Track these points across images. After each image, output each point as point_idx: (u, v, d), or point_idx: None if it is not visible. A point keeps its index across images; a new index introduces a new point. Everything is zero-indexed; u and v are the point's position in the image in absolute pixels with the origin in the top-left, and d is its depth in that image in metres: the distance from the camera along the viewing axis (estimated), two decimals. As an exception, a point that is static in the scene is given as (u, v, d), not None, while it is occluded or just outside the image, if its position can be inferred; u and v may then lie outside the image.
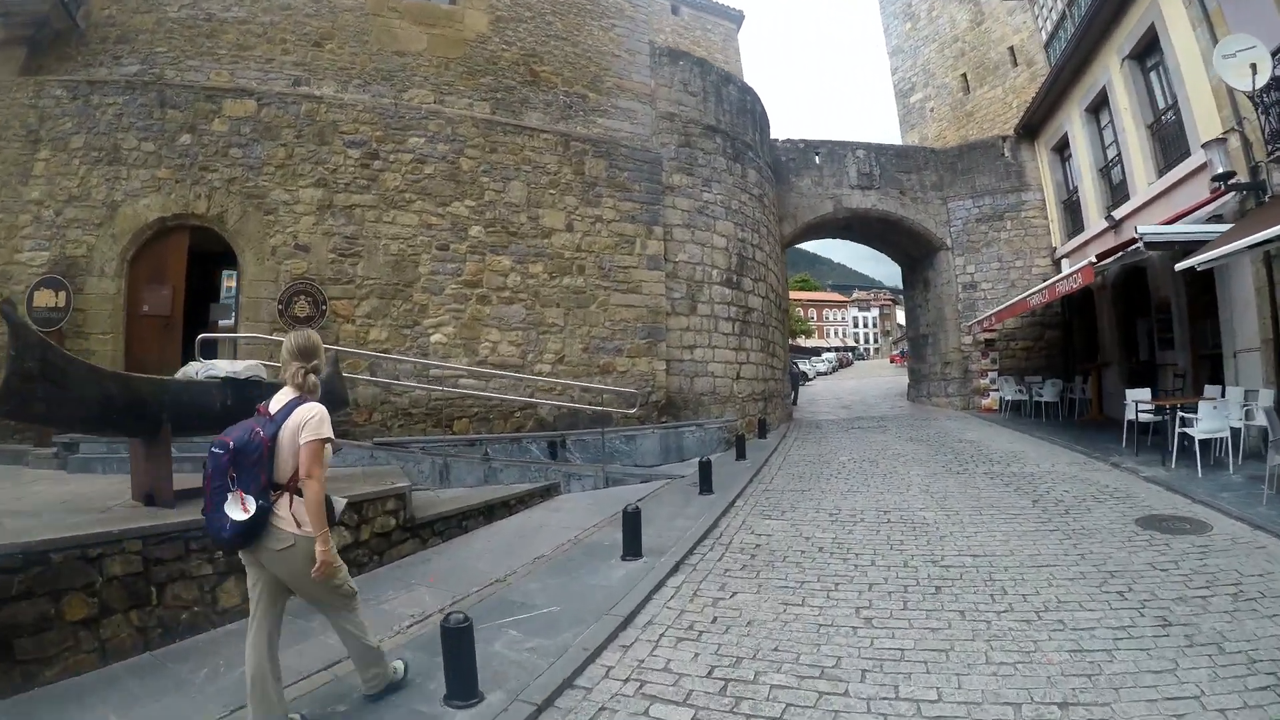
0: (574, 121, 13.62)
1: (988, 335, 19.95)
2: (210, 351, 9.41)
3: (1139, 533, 7.06)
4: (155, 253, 11.15)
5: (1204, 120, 11.74)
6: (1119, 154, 15.66)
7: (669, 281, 13.97)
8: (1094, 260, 10.98)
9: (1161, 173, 13.53)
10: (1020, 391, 18.42)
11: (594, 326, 12.98)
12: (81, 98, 10.93)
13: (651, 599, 5.78)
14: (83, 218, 10.66)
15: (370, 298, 11.51)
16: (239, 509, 3.44)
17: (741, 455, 12.34)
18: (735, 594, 5.89)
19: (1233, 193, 10.70)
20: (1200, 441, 9.53)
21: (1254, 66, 9.63)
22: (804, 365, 45.93)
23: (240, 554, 3.74)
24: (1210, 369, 12.47)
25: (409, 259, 11.80)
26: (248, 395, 6.11)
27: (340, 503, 4.01)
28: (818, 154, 21.26)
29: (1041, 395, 17.57)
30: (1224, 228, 10.09)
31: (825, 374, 57.72)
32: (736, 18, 30.10)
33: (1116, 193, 16.11)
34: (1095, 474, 10.22)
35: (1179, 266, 9.38)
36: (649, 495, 9.80)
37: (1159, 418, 11.06)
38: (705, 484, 9.66)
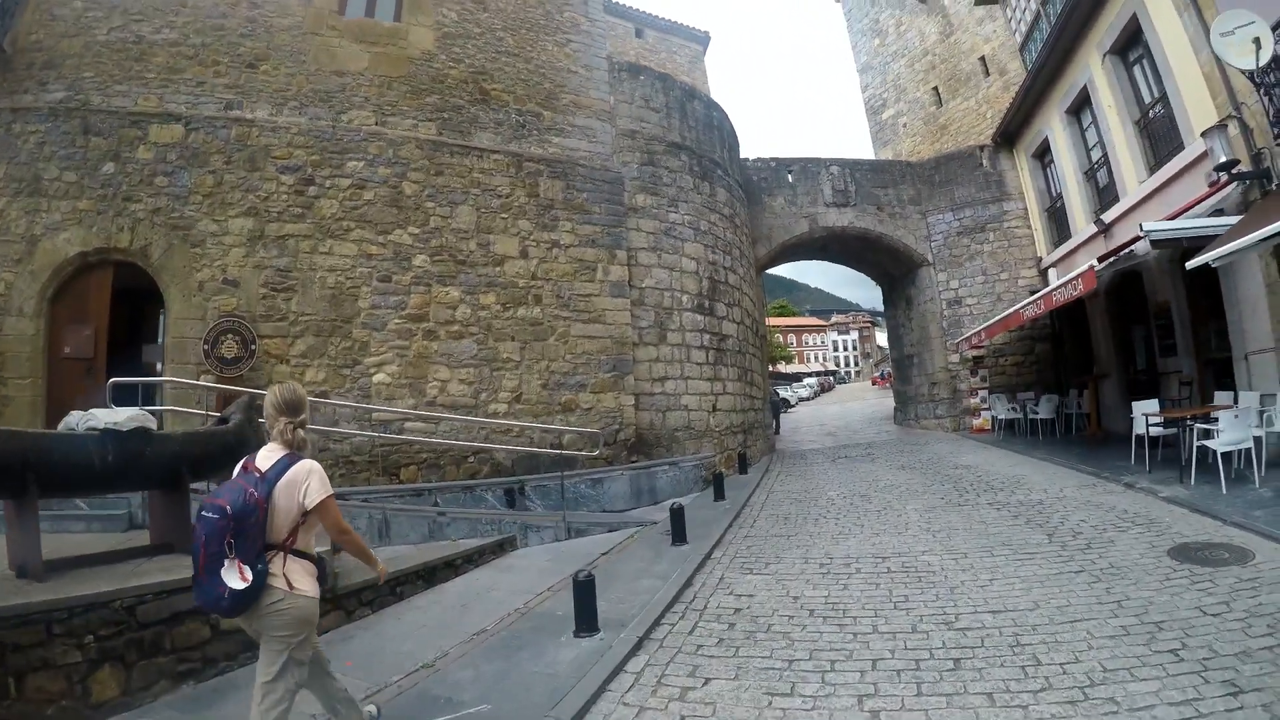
0: (528, 141, 12.77)
1: (976, 352, 19.24)
2: (129, 398, 8.34)
3: (1175, 568, 6.16)
4: (77, 290, 10.39)
5: (1197, 110, 11.24)
6: (1105, 155, 15.19)
7: (635, 309, 13.07)
8: (1095, 264, 10.30)
9: (1153, 170, 13.06)
10: (1014, 410, 17.69)
11: (554, 361, 12.02)
12: (3, 126, 10.21)
13: (605, 690, 4.74)
14: (0, 253, 9.82)
15: (306, 335, 10.63)
16: (237, 578, 3.29)
17: (720, 495, 11.33)
18: (708, 681, 4.84)
19: (1235, 183, 10.13)
20: (1201, 450, 9.01)
21: (1258, 41, 8.98)
22: (785, 392, 45.14)
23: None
24: (1217, 374, 11.98)
25: (348, 292, 10.92)
26: (132, 449, 5.47)
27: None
28: (790, 172, 20.60)
29: (1037, 413, 16.82)
30: (1230, 220, 9.50)
31: (807, 400, 57.37)
32: (703, 39, 29.65)
33: (1104, 195, 15.64)
34: (1109, 497, 9.35)
35: (1190, 264, 8.61)
36: (615, 549, 8.77)
37: (1170, 430, 10.44)
38: (678, 533, 8.63)
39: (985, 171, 20.63)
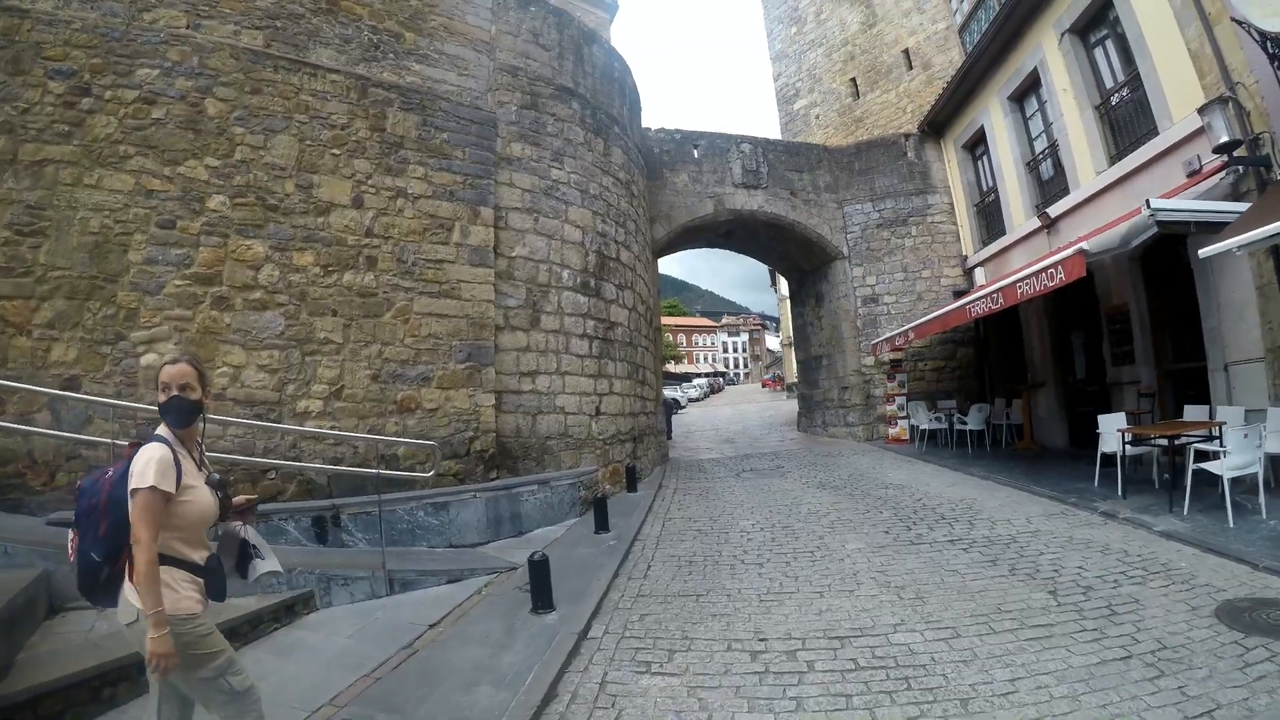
0: (380, 65, 10.02)
1: (895, 355, 17.61)
2: None
3: (1241, 640, 4.72)
4: None
5: (1179, 91, 10.16)
6: (1053, 144, 14.09)
7: (501, 283, 10.49)
8: (1086, 248, 8.46)
9: (1114, 160, 12.01)
10: (937, 419, 16.14)
11: (389, 344, 9.26)
12: None
13: None
14: None
15: (56, 297, 7.70)
16: (69, 549, 3.11)
17: (603, 525, 9.00)
18: None
19: (1228, 170, 9.03)
20: (1198, 475, 8.12)
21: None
22: (676, 392, 43.09)
23: None
24: (1176, 386, 11.41)
25: (115, 241, 7.98)
26: None
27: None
28: (697, 147, 18.40)
29: (965, 423, 15.38)
30: (1239, 206, 8.35)
31: (697, 400, 56.01)
32: (610, 7, 27.22)
33: (1049, 189, 14.62)
34: (1091, 531, 7.94)
35: (1204, 253, 7.46)
36: (451, 615, 6.31)
37: (1141, 448, 9.74)
38: (541, 594, 6.15)
39: (909, 161, 19.20)
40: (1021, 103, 15.35)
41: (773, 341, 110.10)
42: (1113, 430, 9.70)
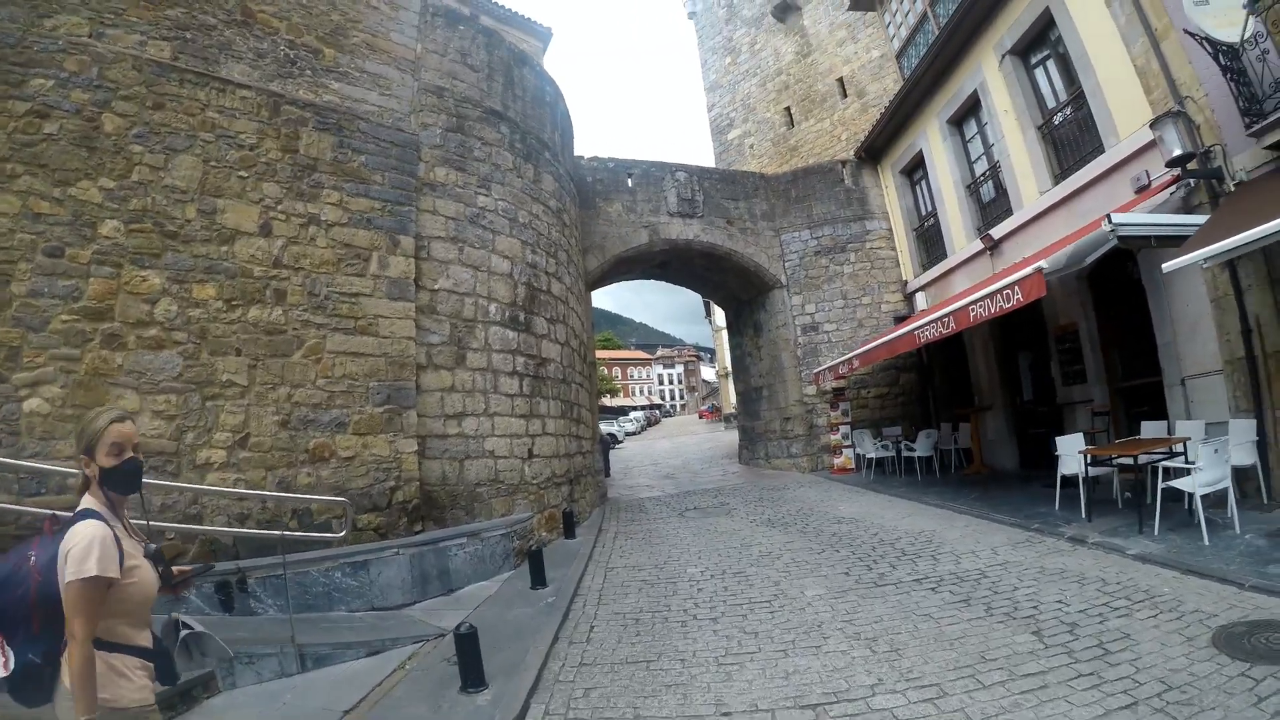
0: (295, 82, 9.30)
1: (837, 384, 17.32)
2: None
3: (1247, 670, 4.44)
4: None
5: (1125, 108, 10.19)
6: (994, 166, 14.11)
7: (423, 318, 9.77)
8: (1044, 266, 8.28)
9: (1059, 179, 12.10)
10: (884, 447, 16.02)
11: (300, 387, 8.44)
12: None
13: None
14: None
15: None
16: None
17: (540, 579, 8.29)
18: None
19: (1179, 185, 9.04)
20: (1165, 492, 8.08)
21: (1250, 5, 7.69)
22: (614, 427, 42.39)
23: None
24: (1128, 403, 11.45)
25: None
26: None
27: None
28: (631, 175, 17.98)
29: (913, 450, 15.30)
30: (1196, 219, 8.29)
31: (634, 434, 55.07)
32: (544, 35, 26.77)
33: (990, 211, 14.71)
34: (1062, 559, 7.64)
35: (1169, 266, 7.32)
36: (367, 700, 5.56)
37: (1102, 469, 9.56)
38: (471, 670, 5.45)
39: (847, 188, 19.18)
40: (961, 126, 15.39)
41: (708, 372, 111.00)
42: (1073, 451, 9.48)
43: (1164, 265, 7.42)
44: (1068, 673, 4.71)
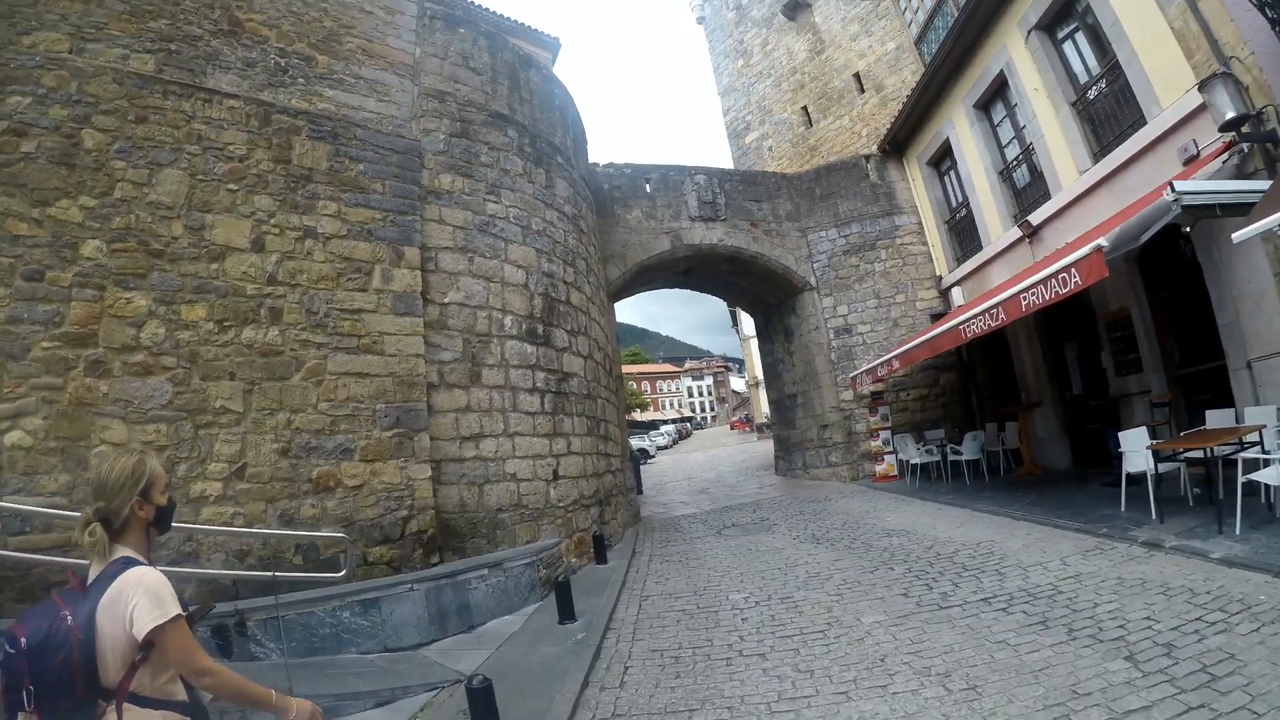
0: (288, 91, 8.79)
1: (875, 387, 16.63)
2: None
3: None
4: None
5: (1165, 75, 9.54)
6: (1027, 149, 13.53)
7: (433, 334, 9.14)
8: (1103, 244, 7.41)
9: (1098, 156, 11.36)
10: (929, 452, 15.24)
11: (300, 411, 7.85)
12: None
13: None
14: None
15: None
16: None
17: (568, 613, 7.57)
18: None
19: (1232, 150, 8.28)
20: (1243, 487, 7.21)
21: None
22: (644, 441, 41.66)
23: None
24: (1187, 391, 10.80)
25: None
26: None
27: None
28: (649, 181, 17.42)
29: (960, 453, 14.52)
30: (1259, 184, 7.63)
31: (666, 448, 54.31)
32: (552, 46, 26.40)
33: (1025, 197, 14.02)
34: (1140, 567, 6.90)
35: (1240, 236, 6.56)
36: None
37: (1171, 465, 8.94)
38: (488, 723, 4.73)
39: (872, 183, 18.48)
40: (988, 109, 14.82)
41: (737, 383, 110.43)
42: (1138, 447, 8.83)
43: (1234, 235, 6.70)
44: (1174, 705, 4.03)
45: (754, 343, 54.31)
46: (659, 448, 49.55)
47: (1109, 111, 11.08)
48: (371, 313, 8.48)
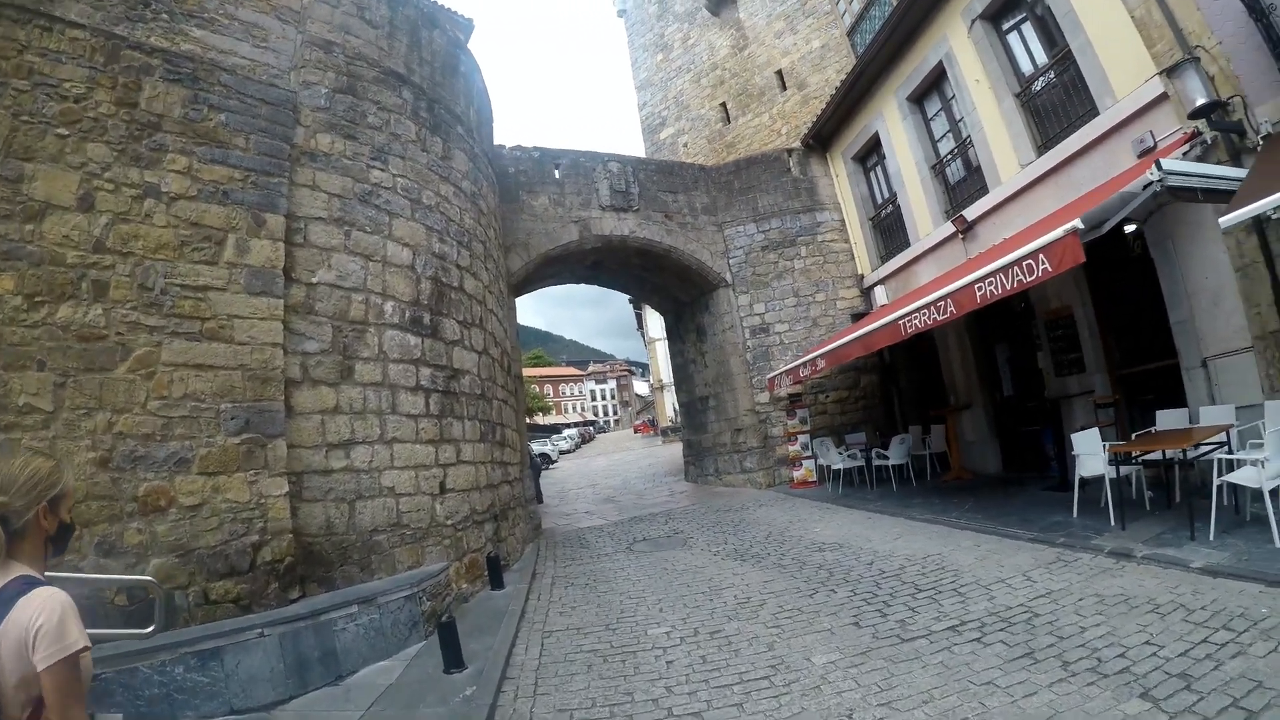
0: (148, 27, 7.24)
1: (794, 389, 16.00)
2: None
3: None
4: None
5: (1123, 65, 9.34)
6: (963, 142, 13.28)
7: (296, 319, 7.70)
8: (1079, 226, 6.82)
9: (1043, 149, 11.13)
10: (852, 456, 14.69)
11: (125, 412, 6.37)
12: None
13: None
14: None
15: None
16: None
17: (455, 660, 6.30)
18: None
19: (1193, 141, 8.15)
20: (1198, 491, 7.64)
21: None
22: (546, 446, 40.34)
23: None
24: (1135, 391, 10.56)
25: None
26: None
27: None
28: (558, 166, 16.36)
29: (886, 457, 13.94)
30: (1237, 171, 7.48)
31: (569, 452, 53.66)
32: (465, 27, 24.85)
33: (959, 192, 13.74)
34: (1116, 580, 6.40)
35: (1228, 220, 6.34)
36: None
37: (1129, 469, 8.76)
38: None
39: (794, 178, 17.97)
40: (922, 102, 14.50)
41: (641, 386, 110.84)
42: (1095, 449, 8.58)
43: (1222, 220, 6.41)
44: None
45: (660, 345, 53.93)
46: (561, 452, 48.54)
47: (1056, 103, 10.79)
48: (220, 291, 7.00)
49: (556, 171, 16.14)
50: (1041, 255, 6.88)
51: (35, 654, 2.09)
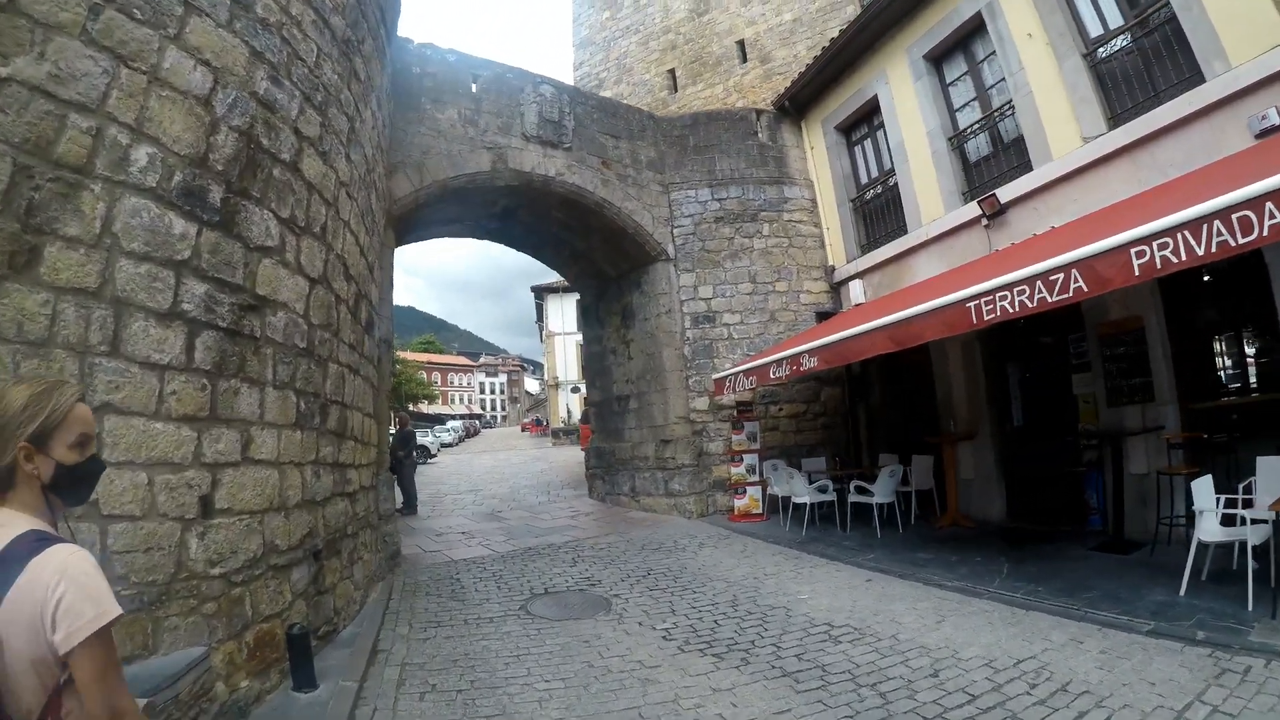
0: None
1: (745, 396, 12.76)
2: None
3: None
4: None
5: (1239, 24, 7.48)
6: (997, 110, 10.86)
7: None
8: None
9: (1115, 121, 9.01)
10: (822, 489, 11.21)
11: None
12: None
13: None
14: None
15: None
16: None
17: None
18: None
19: None
20: None
21: None
22: (427, 438, 35.97)
23: None
24: (1202, 430, 8.49)
25: None
26: None
27: None
28: (477, 80, 12.61)
29: (870, 493, 10.82)
30: None
31: (451, 445, 49.17)
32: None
33: (983, 170, 11.28)
34: None
35: None
36: None
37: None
38: None
39: (761, 143, 14.73)
40: (941, 63, 11.96)
41: (532, 384, 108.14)
42: (1211, 504, 6.38)
43: None
44: None
45: (560, 340, 50.12)
46: (443, 445, 44.14)
47: (1137, 68, 8.84)
48: None
49: (474, 85, 12.41)
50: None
51: (57, 632, 1.58)
